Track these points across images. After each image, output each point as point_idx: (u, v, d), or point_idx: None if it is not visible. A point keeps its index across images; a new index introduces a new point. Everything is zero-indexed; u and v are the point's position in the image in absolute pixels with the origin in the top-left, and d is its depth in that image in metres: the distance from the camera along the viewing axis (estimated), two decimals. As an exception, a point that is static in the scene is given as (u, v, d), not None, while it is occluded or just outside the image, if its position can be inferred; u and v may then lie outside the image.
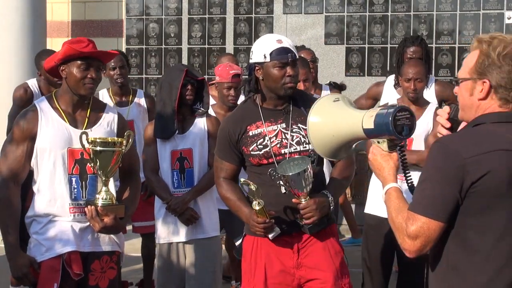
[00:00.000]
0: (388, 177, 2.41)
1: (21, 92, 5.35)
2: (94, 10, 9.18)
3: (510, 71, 2.21)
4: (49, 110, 3.40)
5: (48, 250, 3.35)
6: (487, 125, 2.21)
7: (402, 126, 2.43)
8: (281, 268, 3.34)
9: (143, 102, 5.39)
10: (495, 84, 2.22)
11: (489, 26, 7.97)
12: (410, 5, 8.17)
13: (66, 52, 3.35)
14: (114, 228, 3.38)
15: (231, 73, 4.83)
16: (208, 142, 4.27)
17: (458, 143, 2.17)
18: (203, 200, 4.25)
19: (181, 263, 4.25)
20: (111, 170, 3.35)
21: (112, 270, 3.50)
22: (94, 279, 3.42)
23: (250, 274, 3.42)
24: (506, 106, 2.24)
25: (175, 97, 4.17)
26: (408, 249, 2.19)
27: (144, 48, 9.02)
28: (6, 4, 7.79)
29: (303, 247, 3.35)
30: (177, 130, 4.23)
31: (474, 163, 2.11)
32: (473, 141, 2.17)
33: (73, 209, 3.37)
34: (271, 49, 3.31)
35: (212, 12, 8.78)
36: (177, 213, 4.16)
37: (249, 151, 3.36)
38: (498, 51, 2.22)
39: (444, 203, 2.14)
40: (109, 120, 3.50)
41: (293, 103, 3.40)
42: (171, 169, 4.24)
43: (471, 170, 2.11)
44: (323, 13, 8.37)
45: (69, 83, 3.38)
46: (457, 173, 2.12)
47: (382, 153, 2.48)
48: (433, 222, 2.15)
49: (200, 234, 4.23)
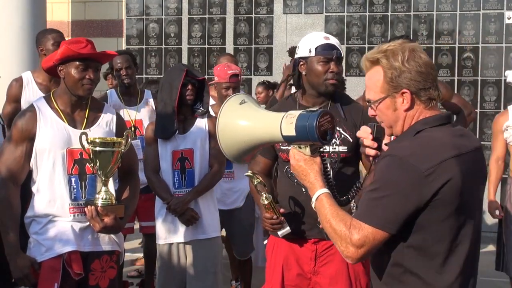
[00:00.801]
0: (315, 182, 2.37)
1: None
2: (94, 10, 9.19)
3: (419, 71, 2.20)
4: (47, 110, 3.39)
5: (48, 250, 3.34)
6: (428, 132, 2.20)
7: (325, 131, 2.39)
8: (298, 271, 3.32)
9: (151, 102, 5.39)
10: (414, 90, 2.21)
11: (489, 26, 7.97)
12: (410, 5, 8.17)
13: (65, 52, 3.34)
14: (114, 228, 3.37)
15: (229, 73, 4.82)
16: (209, 142, 4.27)
17: (413, 156, 2.12)
18: (204, 200, 4.25)
19: (181, 263, 4.25)
20: (111, 170, 3.34)
21: (112, 270, 3.49)
22: (95, 279, 3.42)
23: (270, 274, 3.43)
24: (431, 105, 2.24)
25: (175, 97, 4.16)
26: (351, 257, 2.17)
27: (144, 48, 9.02)
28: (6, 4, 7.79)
29: (322, 255, 3.30)
30: (177, 130, 4.22)
31: (432, 174, 2.08)
32: (425, 152, 2.13)
33: (73, 209, 3.36)
34: (316, 44, 3.31)
35: (212, 12, 8.78)
36: (177, 214, 4.16)
37: (279, 146, 3.34)
38: (400, 59, 2.20)
39: (396, 216, 2.11)
40: (108, 120, 3.50)
41: (332, 103, 3.35)
42: (172, 169, 4.23)
43: (430, 182, 2.08)
44: (323, 13, 8.38)
45: (68, 84, 3.37)
46: (417, 188, 2.08)
47: (305, 157, 2.43)
48: (380, 233, 2.13)
49: (200, 235, 4.22)
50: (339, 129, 3.26)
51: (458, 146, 2.18)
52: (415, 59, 2.21)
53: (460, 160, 2.14)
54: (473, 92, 8.07)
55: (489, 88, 8.05)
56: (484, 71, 8.04)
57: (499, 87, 7.98)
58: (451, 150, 2.14)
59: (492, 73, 8.02)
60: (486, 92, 8.05)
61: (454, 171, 2.11)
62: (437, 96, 2.24)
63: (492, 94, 8.04)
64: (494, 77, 8.00)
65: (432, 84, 2.23)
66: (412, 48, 2.23)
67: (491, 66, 8.03)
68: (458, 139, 2.21)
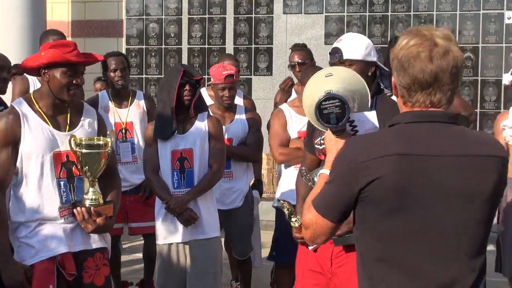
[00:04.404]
0: (328, 162, 2.48)
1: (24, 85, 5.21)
2: (94, 10, 9.19)
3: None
4: (30, 113, 3.31)
5: (39, 252, 3.29)
6: (399, 126, 2.11)
7: (328, 115, 2.42)
8: (320, 270, 3.34)
9: (142, 103, 5.37)
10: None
11: (489, 26, 7.97)
12: (410, 5, 8.17)
13: (53, 58, 3.25)
14: (105, 227, 3.37)
15: (224, 74, 4.82)
16: (208, 142, 4.27)
17: (357, 146, 2.11)
18: (203, 200, 4.25)
19: (181, 263, 4.25)
20: (98, 171, 3.33)
21: (106, 267, 3.48)
22: (89, 276, 3.40)
23: (297, 273, 3.48)
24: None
25: (173, 97, 4.17)
26: (303, 236, 2.27)
27: (144, 48, 9.02)
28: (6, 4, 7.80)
29: (337, 257, 3.30)
30: (176, 130, 4.23)
31: (363, 168, 2.03)
32: (369, 145, 2.08)
33: (63, 212, 3.33)
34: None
35: (212, 12, 8.78)
36: (176, 213, 4.16)
37: (314, 143, 3.35)
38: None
39: (334, 204, 2.13)
40: (90, 121, 3.45)
41: (371, 106, 3.25)
42: (171, 169, 4.24)
43: (360, 175, 2.04)
44: (323, 13, 8.38)
45: (52, 88, 3.29)
46: (349, 178, 2.06)
47: (331, 137, 2.56)
48: (321, 219, 2.16)
49: (200, 235, 4.22)
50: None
51: (417, 145, 2.04)
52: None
53: (406, 160, 2.02)
54: (473, 92, 8.07)
55: (489, 88, 8.05)
56: (484, 71, 8.05)
57: (499, 87, 7.98)
58: (395, 147, 2.03)
59: (492, 73, 8.02)
60: (486, 92, 8.05)
61: (391, 169, 2.00)
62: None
63: (492, 94, 8.04)
64: (494, 77, 8.00)
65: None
66: None
67: (491, 66, 8.03)
68: (432, 139, 2.06)
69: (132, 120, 5.26)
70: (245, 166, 5.06)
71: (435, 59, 2.04)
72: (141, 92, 5.67)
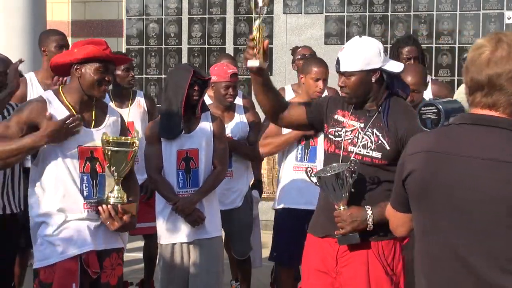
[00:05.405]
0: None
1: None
2: (94, 10, 9.19)
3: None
4: (59, 105, 3.35)
5: (64, 251, 3.31)
6: (450, 126, 2.15)
7: (424, 120, 2.54)
8: (325, 269, 3.35)
9: (143, 103, 5.37)
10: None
11: (489, 26, 7.97)
12: (410, 5, 8.17)
13: (92, 53, 3.31)
14: (131, 225, 3.40)
15: (229, 72, 4.83)
16: (213, 142, 4.28)
17: (411, 141, 2.26)
18: (208, 200, 4.25)
19: (184, 263, 4.24)
20: (125, 169, 3.36)
21: (120, 267, 3.51)
22: (106, 276, 3.43)
23: (302, 273, 3.49)
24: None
25: (182, 97, 4.16)
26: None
27: (144, 48, 9.03)
28: (7, 4, 7.80)
29: (342, 256, 3.31)
30: (183, 130, 4.23)
31: (404, 162, 2.20)
32: (417, 140, 2.23)
33: (86, 205, 3.35)
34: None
35: (212, 12, 8.78)
36: (184, 214, 4.16)
37: (328, 131, 3.38)
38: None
39: (396, 195, 2.28)
40: (114, 120, 3.51)
41: (383, 109, 3.33)
42: (176, 169, 4.23)
43: (402, 168, 2.20)
44: (323, 13, 8.38)
45: (83, 83, 3.34)
46: (399, 170, 2.22)
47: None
48: (392, 210, 2.34)
49: (203, 235, 4.22)
50: (379, 134, 3.26)
51: (449, 145, 2.07)
52: None
53: (434, 157, 2.08)
54: (473, 92, 8.06)
55: (489, 88, 8.04)
56: (484, 71, 8.04)
57: (499, 87, 7.97)
58: (426, 144, 2.14)
59: (492, 73, 8.02)
60: (486, 92, 8.05)
61: (420, 164, 2.12)
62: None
63: (492, 94, 8.03)
64: (494, 77, 8.00)
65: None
66: None
67: (491, 66, 8.02)
68: (471, 140, 2.04)
69: (133, 120, 5.26)
70: (245, 166, 5.06)
71: (493, 62, 2.00)
72: (142, 92, 5.67)
